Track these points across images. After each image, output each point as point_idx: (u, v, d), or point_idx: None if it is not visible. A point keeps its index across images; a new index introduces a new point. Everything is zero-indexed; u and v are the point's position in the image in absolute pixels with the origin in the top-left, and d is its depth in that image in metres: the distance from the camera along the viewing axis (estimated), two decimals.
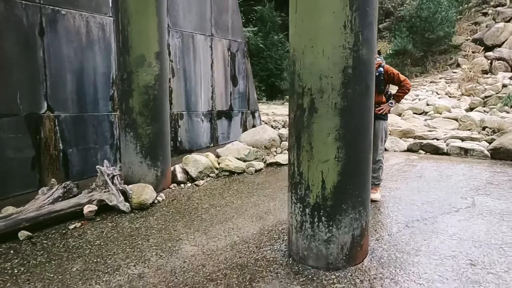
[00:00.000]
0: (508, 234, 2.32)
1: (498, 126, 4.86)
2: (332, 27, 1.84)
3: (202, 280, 1.99)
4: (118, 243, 2.56)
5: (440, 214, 2.68)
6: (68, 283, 2.07)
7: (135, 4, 3.41)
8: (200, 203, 3.30)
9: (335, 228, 1.97)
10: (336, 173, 1.94)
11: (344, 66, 1.86)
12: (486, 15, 16.55)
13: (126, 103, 3.56)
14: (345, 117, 1.90)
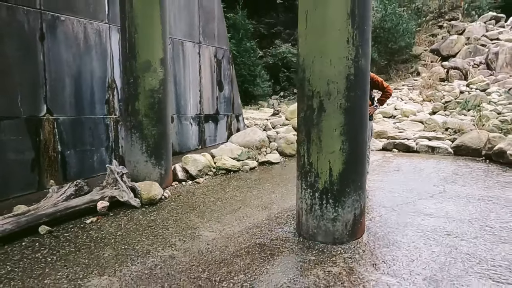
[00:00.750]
0: (473, 212, 2.82)
1: (459, 127, 5.56)
2: (337, 42, 2.24)
3: (229, 257, 2.30)
4: (139, 233, 2.80)
5: (418, 199, 3.17)
6: (105, 266, 2.30)
7: (142, 14, 3.66)
8: (206, 197, 3.59)
9: (340, 209, 2.36)
10: (341, 162, 2.33)
11: (347, 74, 2.27)
12: (442, 28, 18.01)
13: (132, 106, 3.79)
14: (348, 115, 2.31)
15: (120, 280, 2.10)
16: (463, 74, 13.46)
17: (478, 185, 3.49)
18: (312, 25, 2.30)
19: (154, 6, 3.72)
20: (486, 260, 2.08)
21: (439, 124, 6.13)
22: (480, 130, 4.90)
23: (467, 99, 7.24)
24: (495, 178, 3.69)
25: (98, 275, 2.18)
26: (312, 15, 2.28)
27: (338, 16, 2.20)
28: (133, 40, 3.68)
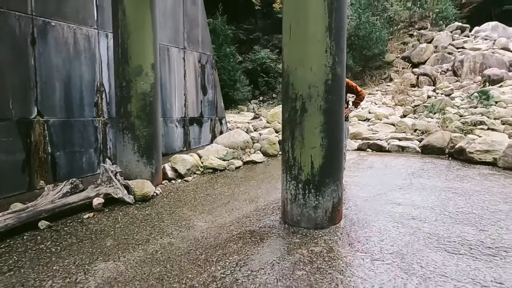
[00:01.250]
0: (435, 200, 3.22)
1: (426, 128, 6.07)
2: (317, 51, 2.57)
3: (223, 242, 2.56)
4: (137, 225, 3.02)
5: (389, 191, 3.54)
6: (108, 253, 2.51)
7: (134, 21, 3.88)
8: (196, 193, 3.83)
9: (321, 197, 2.68)
10: (321, 156, 2.66)
11: (326, 79, 2.60)
12: (412, 36, 18.98)
13: (124, 108, 3.99)
14: (327, 116, 2.64)
15: (125, 264, 2.33)
16: (432, 80, 14.27)
17: (440, 178, 3.92)
18: (295, 37, 2.63)
19: (146, 14, 3.96)
20: (443, 238, 2.45)
21: (408, 126, 6.63)
22: (444, 131, 5.40)
23: (434, 103, 7.83)
24: (455, 172, 4.14)
25: (103, 261, 2.39)
26: (295, 29, 2.61)
27: (318, 29, 2.54)
28: (125, 46, 3.89)
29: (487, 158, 4.33)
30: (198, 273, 2.14)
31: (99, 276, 2.19)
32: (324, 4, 2.51)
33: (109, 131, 5.22)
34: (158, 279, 2.11)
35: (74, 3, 4.71)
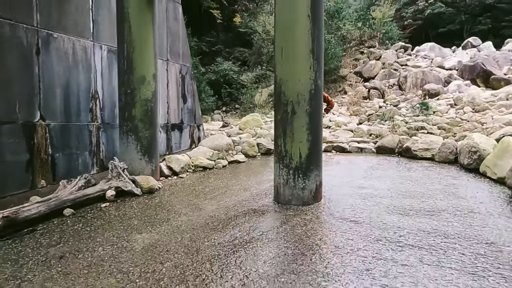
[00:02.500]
0: (390, 184, 4.12)
1: (379, 133, 7.16)
2: (304, 67, 3.37)
3: (233, 217, 3.22)
4: (153, 210, 3.57)
5: (354, 179, 4.42)
6: (140, 228, 3.06)
7: (139, 37, 4.45)
8: (194, 186, 4.43)
9: (307, 181, 3.45)
10: (307, 148, 3.44)
11: (310, 89, 3.41)
12: (363, 53, 20.86)
13: (129, 113, 4.50)
14: (311, 117, 3.43)
15: (158, 234, 2.90)
16: (381, 93, 15.92)
17: (393, 170, 4.89)
18: (286, 56, 3.41)
19: (149, 31, 4.55)
20: (397, 207, 3.32)
21: (364, 132, 7.71)
22: (394, 135, 6.48)
23: (384, 112, 9.08)
24: (404, 166, 5.16)
25: (138, 233, 2.95)
26: (286, 51, 3.40)
27: (304, 52, 3.35)
28: (131, 59, 4.44)
29: (427, 155, 5.42)
30: (222, 235, 2.79)
31: (140, 243, 2.75)
32: (308, 34, 3.33)
33: (102, 135, 5.62)
34: (190, 241, 2.73)
35: (74, 17, 5.15)
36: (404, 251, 2.39)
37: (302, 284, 2.02)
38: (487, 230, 2.70)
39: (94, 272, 2.29)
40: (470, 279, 2.01)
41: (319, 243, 2.57)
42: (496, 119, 7.48)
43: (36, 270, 2.37)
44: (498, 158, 4.05)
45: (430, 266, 2.17)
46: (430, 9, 29.94)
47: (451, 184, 4.03)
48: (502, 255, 2.29)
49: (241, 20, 27.19)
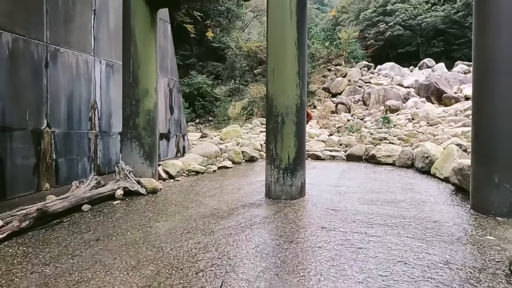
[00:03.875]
0: (359, 183, 4.93)
1: (348, 142, 8.08)
2: (292, 85, 4.12)
3: (234, 208, 3.85)
4: (162, 206, 4.11)
5: (330, 180, 5.19)
6: (156, 218, 3.60)
7: (143, 54, 5.03)
8: (193, 187, 5.01)
9: (294, 179, 4.16)
10: (294, 152, 4.16)
11: (296, 103, 4.15)
12: (330, 71, 22.26)
13: (133, 121, 5.03)
14: (297, 126, 4.17)
15: (174, 222, 3.47)
16: (347, 108, 17.15)
17: (361, 173, 5.74)
18: (277, 76, 4.15)
19: (152, 50, 5.14)
20: (366, 200, 4.11)
21: (335, 142, 8.62)
22: (361, 144, 7.40)
23: (352, 125, 10.11)
24: (370, 169, 6.03)
25: (157, 222, 3.50)
26: (277, 71, 4.14)
27: (292, 73, 4.11)
28: (136, 73, 5.00)
29: (389, 160, 6.34)
30: (229, 221, 3.41)
31: (161, 228, 3.31)
32: (295, 59, 4.10)
33: (99, 142, 6.06)
34: (204, 225, 3.33)
35: (78, 33, 5.63)
36: (373, 228, 3.14)
37: (300, 250, 2.70)
38: (434, 213, 3.54)
39: (132, 248, 2.84)
40: (420, 243, 2.78)
41: (308, 224, 3.27)
42: (446, 131, 8.67)
43: (80, 249, 2.87)
44: (444, 162, 4.99)
45: (392, 236, 2.93)
46: (390, 31, 32.36)
47: (408, 183, 4.91)
48: (443, 228, 3.10)
49: (213, 35, 28.05)
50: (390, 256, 2.54)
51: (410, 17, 31.26)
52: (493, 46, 3.27)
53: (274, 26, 4.15)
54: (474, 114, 3.64)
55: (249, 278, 2.25)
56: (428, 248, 2.68)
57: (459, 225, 3.18)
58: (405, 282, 2.16)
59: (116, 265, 2.53)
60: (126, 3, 4.98)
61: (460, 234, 2.95)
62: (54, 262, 2.63)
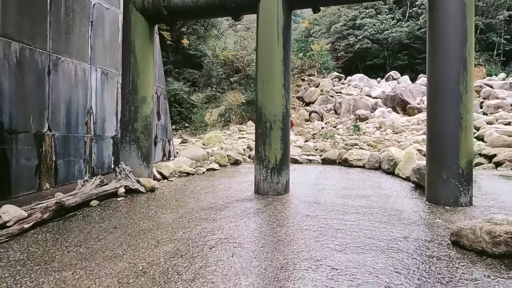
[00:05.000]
0: (335, 182, 5.63)
1: (323, 148, 8.84)
2: (278, 96, 4.78)
3: (229, 202, 4.41)
4: (163, 202, 4.60)
5: (309, 179, 5.87)
6: (162, 211, 4.10)
7: (142, 65, 5.51)
8: (187, 186, 5.51)
9: (280, 177, 4.79)
10: (280, 154, 4.80)
11: (282, 111, 4.81)
12: (304, 81, 23.29)
13: (132, 126, 5.47)
14: (282, 131, 4.82)
15: (178, 214, 3.98)
16: (320, 116, 18.12)
17: (336, 174, 6.48)
18: (266, 88, 4.79)
19: (149, 61, 5.63)
20: (340, 195, 4.80)
21: (311, 147, 9.38)
22: (335, 149, 8.18)
23: (326, 132, 10.95)
24: (343, 171, 6.79)
25: (163, 213, 4.00)
26: (266, 83, 4.78)
27: (278, 85, 4.76)
28: (135, 82, 5.47)
29: (359, 163, 7.14)
30: (227, 212, 3.97)
31: (168, 218, 3.82)
32: (281, 74, 4.76)
33: (93, 145, 6.42)
34: (206, 215, 3.87)
35: (76, 43, 6.02)
36: (348, 215, 3.82)
37: (291, 231, 3.31)
38: (396, 204, 4.28)
39: (149, 233, 3.34)
40: (386, 225, 3.48)
41: (295, 214, 3.90)
42: (409, 138, 9.68)
43: (102, 234, 3.34)
44: (406, 164, 5.81)
45: (364, 221, 3.62)
46: (359, 44, 34.08)
47: (376, 181, 5.68)
48: (403, 215, 3.83)
49: (189, 42, 28.47)
50: (362, 234, 3.21)
51: (377, 32, 33.18)
52: (441, 71, 4.08)
53: (263, 46, 4.79)
54: (428, 124, 4.45)
55: (254, 250, 2.84)
56: (391, 228, 3.38)
57: (416, 212, 3.93)
58: (374, 250, 2.83)
59: (140, 245, 3.03)
60: (127, 18, 5.47)
61: (416, 219, 3.68)
62: (84, 244, 3.09)
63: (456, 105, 4.06)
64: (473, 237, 2.76)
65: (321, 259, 2.66)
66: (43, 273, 2.53)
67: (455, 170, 4.11)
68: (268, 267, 2.53)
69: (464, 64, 4.01)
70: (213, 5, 5.10)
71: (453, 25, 3.99)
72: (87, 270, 2.55)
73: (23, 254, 2.88)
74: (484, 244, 2.66)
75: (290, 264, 2.57)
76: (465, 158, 4.09)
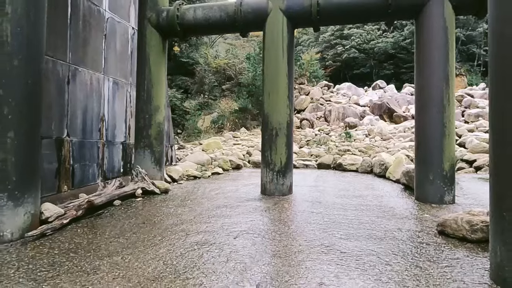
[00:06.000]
0: (331, 184, 6.16)
1: (318, 154, 9.41)
2: (283, 106, 5.30)
3: (242, 201, 4.88)
4: (180, 201, 5.03)
5: (309, 182, 6.39)
6: (182, 209, 4.54)
7: (156, 76, 5.97)
8: (197, 188, 5.95)
9: (286, 179, 5.30)
10: (285, 158, 5.31)
11: (287, 120, 5.33)
12: (295, 89, 23.96)
13: (146, 132, 5.91)
14: (287, 138, 5.34)
15: (196, 211, 4.43)
16: (311, 124, 18.75)
17: (332, 177, 7.03)
18: (272, 99, 5.32)
19: (162, 72, 6.10)
20: (337, 194, 5.34)
21: (306, 153, 9.94)
22: (329, 155, 8.74)
23: (320, 138, 11.56)
24: (339, 175, 7.35)
25: (183, 211, 4.43)
26: (272, 95, 5.31)
27: (283, 96, 5.29)
28: (150, 92, 5.91)
29: (353, 168, 7.71)
30: (240, 209, 4.45)
31: (189, 215, 4.27)
32: (286, 86, 5.30)
33: (105, 150, 6.80)
34: (222, 212, 4.33)
35: (92, 55, 6.43)
36: (348, 211, 4.35)
37: (300, 224, 3.81)
38: (389, 203, 4.83)
39: (175, 227, 3.78)
40: (381, 219, 4.01)
41: (301, 211, 4.41)
42: (397, 145, 10.34)
43: (134, 229, 3.77)
44: (395, 168, 6.40)
45: (362, 216, 4.14)
46: (346, 54, 35.11)
47: (369, 184, 6.25)
48: (396, 211, 4.38)
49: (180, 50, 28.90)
50: (362, 226, 3.74)
51: (364, 42, 34.33)
52: (427, 86, 4.69)
53: (269, 61, 5.33)
54: (416, 132, 5.04)
55: (272, 239, 3.32)
56: (387, 222, 3.92)
57: (406, 209, 4.48)
58: (373, 238, 3.35)
59: (171, 236, 3.48)
60: (142, 33, 5.93)
61: (407, 214, 4.24)
62: (121, 236, 3.52)
63: (440, 115, 4.66)
64: (455, 226, 3.31)
65: (330, 245, 3.17)
66: (96, 258, 2.96)
67: (440, 172, 4.70)
68: (287, 251, 3.02)
69: (446, 80, 4.63)
70: (223, 23, 5.61)
71: (437, 47, 4.61)
72: (134, 256, 2.99)
73: (71, 244, 3.29)
74: (465, 232, 3.22)
75: (305, 249, 3.07)
76: (448, 162, 4.69)
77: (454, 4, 4.67)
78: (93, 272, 2.67)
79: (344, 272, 2.60)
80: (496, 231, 2.38)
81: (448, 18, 4.65)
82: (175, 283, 2.45)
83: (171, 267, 2.74)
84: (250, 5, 5.45)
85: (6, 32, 3.36)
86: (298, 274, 2.56)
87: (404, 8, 4.89)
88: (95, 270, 2.72)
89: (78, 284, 2.48)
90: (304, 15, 5.23)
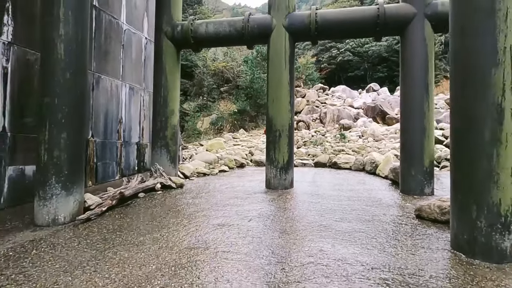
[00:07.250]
0: (328, 180, 6.91)
1: (315, 153, 10.16)
2: (285, 109, 6.04)
3: (248, 194, 5.60)
4: (196, 193, 5.74)
5: (307, 178, 7.13)
6: (198, 199, 5.25)
7: (171, 84, 6.67)
8: (208, 183, 6.66)
9: (287, 175, 6.03)
10: (287, 156, 6.05)
11: (289, 122, 6.07)
12: None
13: (163, 134, 6.61)
14: (289, 139, 6.08)
15: (212, 202, 5.15)
16: (307, 125, 19.50)
17: (328, 174, 7.77)
18: (275, 104, 6.05)
19: (177, 80, 6.81)
20: (333, 188, 6.08)
21: (304, 153, 10.70)
22: (325, 154, 9.49)
23: (316, 139, 12.33)
24: (334, 172, 8.10)
25: (200, 202, 5.14)
26: (275, 100, 6.05)
27: (285, 102, 6.03)
28: (166, 98, 6.62)
29: (346, 166, 8.46)
30: (250, 200, 5.17)
31: (205, 204, 4.98)
32: (288, 92, 6.04)
33: (123, 150, 7.49)
34: (234, 202, 5.04)
35: (112, 64, 7.12)
36: (343, 201, 5.09)
37: (303, 211, 4.54)
38: (378, 195, 5.59)
39: (198, 214, 4.49)
40: (371, 207, 4.76)
41: (302, 201, 5.14)
42: (387, 145, 11.13)
43: (163, 215, 4.47)
44: (384, 165, 7.17)
45: (354, 204, 4.89)
46: (341, 57, 35.97)
47: (361, 179, 7.01)
48: (383, 201, 5.13)
49: None
50: (354, 212, 4.48)
51: (358, 45, 35.24)
52: (410, 95, 5.46)
53: (273, 71, 6.07)
54: (401, 134, 5.81)
55: (280, 221, 4.05)
56: (375, 209, 4.67)
57: (392, 199, 5.24)
58: (363, 221, 4.10)
59: (196, 220, 4.19)
60: (159, 45, 6.64)
61: (392, 203, 4.99)
62: (153, 220, 4.22)
63: (421, 120, 5.43)
64: (429, 211, 4.07)
65: (328, 225, 3.91)
66: (139, 235, 3.67)
67: (421, 168, 5.46)
68: (293, 229, 3.75)
69: (426, 89, 5.40)
70: (232, 37, 6.34)
71: (418, 61, 5.38)
72: (169, 233, 3.70)
73: (115, 226, 4.00)
74: (436, 215, 3.98)
75: (307, 228, 3.81)
76: (428, 159, 5.46)
77: (433, 23, 5.45)
78: (141, 244, 3.38)
79: (338, 243, 3.34)
80: (454, 210, 3.13)
81: (427, 36, 5.42)
82: (208, 251, 3.17)
83: (202, 241, 3.45)
84: (256, 21, 6.18)
85: (61, 51, 4.05)
86: (302, 244, 3.30)
87: (391, 26, 5.66)
88: (141, 243, 3.43)
89: (132, 251, 3.19)
90: (304, 31, 5.98)
